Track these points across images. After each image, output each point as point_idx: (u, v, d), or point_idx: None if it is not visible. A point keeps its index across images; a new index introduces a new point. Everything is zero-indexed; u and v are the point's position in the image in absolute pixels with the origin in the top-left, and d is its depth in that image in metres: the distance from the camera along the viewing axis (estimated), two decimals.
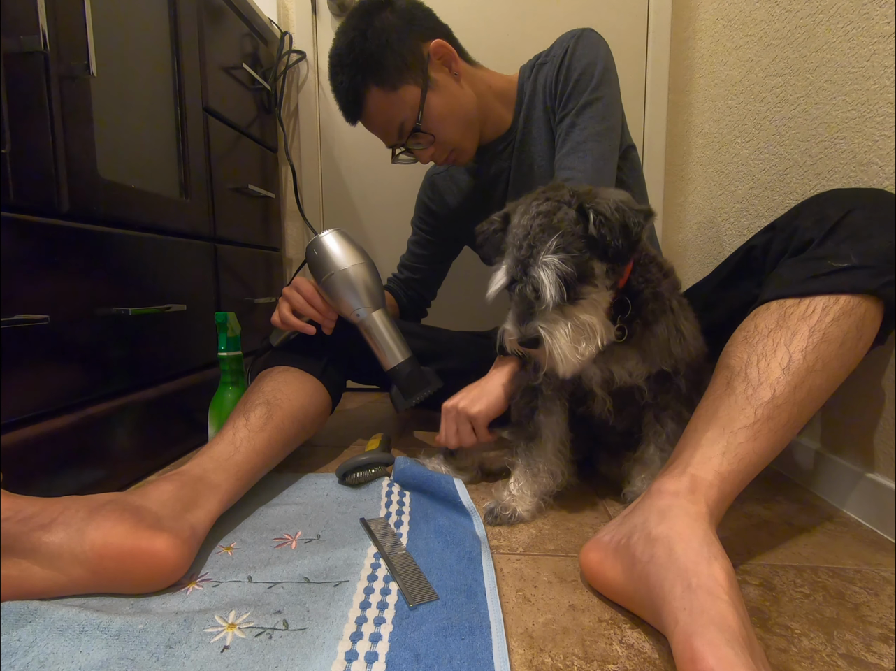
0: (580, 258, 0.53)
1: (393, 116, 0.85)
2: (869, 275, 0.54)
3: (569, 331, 0.54)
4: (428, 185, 1.12)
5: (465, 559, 0.57)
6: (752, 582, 0.55)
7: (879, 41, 0.70)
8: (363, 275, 0.81)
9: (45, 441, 0.64)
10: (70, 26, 0.65)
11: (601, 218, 0.52)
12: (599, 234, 0.53)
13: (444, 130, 0.87)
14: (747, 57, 1.02)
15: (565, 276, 0.52)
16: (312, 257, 0.82)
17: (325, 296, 0.82)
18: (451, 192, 1.07)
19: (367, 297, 0.81)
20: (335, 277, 0.80)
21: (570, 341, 0.54)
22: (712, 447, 0.51)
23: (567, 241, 0.53)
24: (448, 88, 0.86)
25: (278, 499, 0.73)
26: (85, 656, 0.42)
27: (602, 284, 0.56)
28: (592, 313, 0.55)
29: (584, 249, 0.53)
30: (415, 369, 0.83)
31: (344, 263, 0.80)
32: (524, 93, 0.93)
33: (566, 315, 0.54)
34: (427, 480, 0.74)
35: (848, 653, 0.44)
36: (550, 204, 0.55)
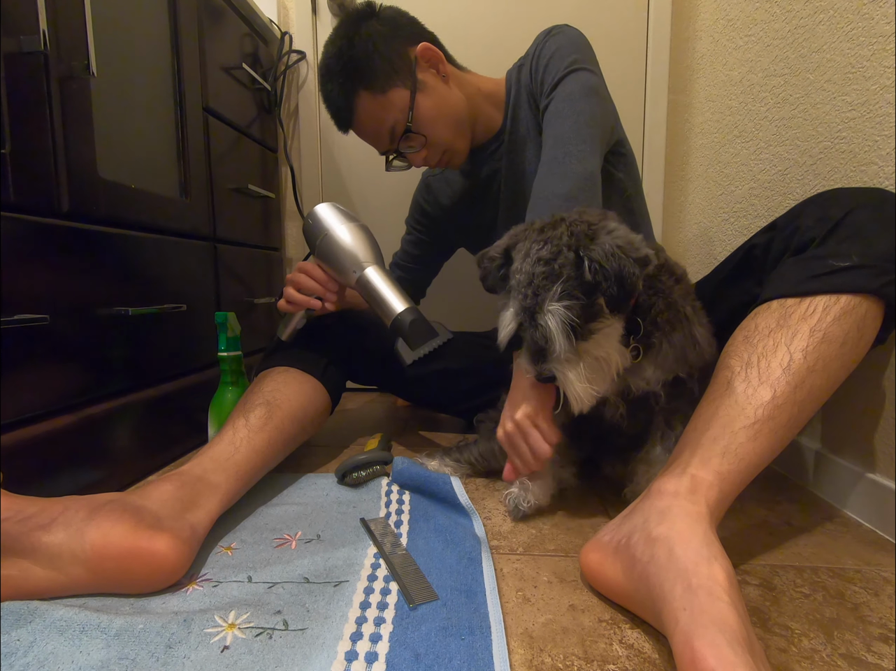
0: (585, 301, 0.53)
1: (383, 120, 0.86)
2: (870, 274, 0.54)
3: (582, 371, 0.55)
4: (423, 187, 1.12)
5: (465, 559, 0.57)
6: (752, 582, 0.55)
7: (879, 41, 0.70)
8: (354, 234, 0.80)
9: (45, 441, 0.64)
10: (70, 26, 0.65)
11: (596, 265, 0.52)
12: (595, 280, 0.53)
13: (435, 131, 0.87)
14: (747, 57, 1.02)
15: (571, 321, 0.53)
16: (307, 227, 0.83)
17: (323, 265, 0.82)
18: (445, 194, 1.07)
19: (361, 254, 0.79)
20: (326, 239, 0.80)
21: (584, 381, 0.55)
22: (712, 447, 0.51)
23: (570, 287, 0.53)
24: (436, 90, 0.87)
25: (278, 499, 0.73)
26: (85, 656, 0.42)
27: (610, 317, 0.56)
28: (606, 347, 0.56)
29: (588, 292, 0.53)
30: (419, 317, 0.78)
31: (333, 225, 0.80)
32: (510, 94, 0.94)
33: (579, 354, 0.55)
34: (425, 481, 0.74)
35: (848, 653, 0.44)
36: (550, 248, 0.54)
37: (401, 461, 0.78)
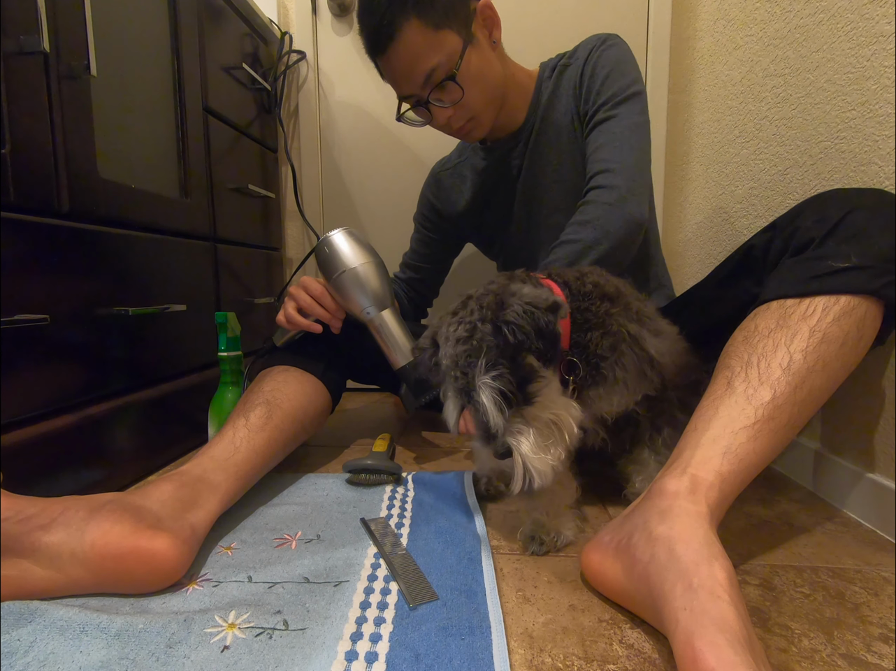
0: (513, 365, 0.52)
1: (426, 58, 0.79)
2: (869, 275, 0.54)
3: (534, 440, 0.52)
4: (433, 182, 1.10)
5: (465, 559, 0.57)
6: (752, 582, 0.55)
7: (879, 41, 0.70)
8: (373, 273, 0.81)
9: (45, 441, 0.64)
10: (70, 26, 0.65)
11: (513, 327, 0.52)
12: (518, 342, 0.52)
13: (472, 91, 0.82)
14: (747, 57, 1.02)
15: (505, 390, 0.51)
16: (323, 255, 0.82)
17: (335, 294, 0.82)
18: (457, 190, 1.05)
19: (376, 296, 0.81)
20: (346, 275, 0.80)
21: (539, 449, 0.52)
22: (713, 447, 0.51)
23: (493, 357, 0.51)
24: (484, 52, 0.83)
25: (278, 499, 0.73)
26: (85, 656, 0.42)
27: (544, 373, 0.54)
28: (552, 406, 0.54)
29: (513, 355, 0.52)
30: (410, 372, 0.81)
31: (354, 261, 0.80)
32: (541, 92, 0.91)
33: (527, 420, 0.53)
34: (439, 479, 0.78)
35: (848, 653, 0.44)
36: (465, 327, 0.54)
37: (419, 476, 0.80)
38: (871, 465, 0.70)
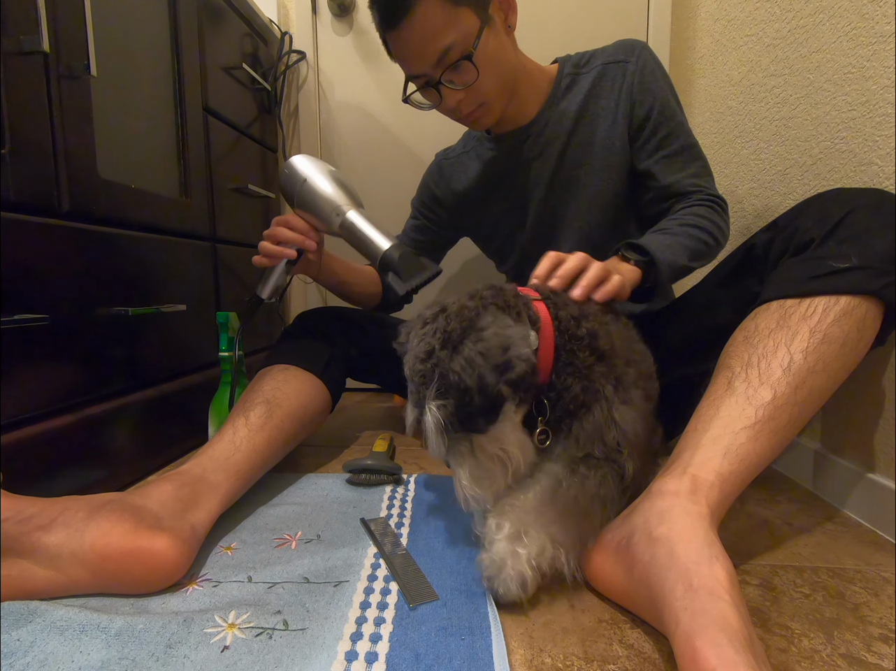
0: (468, 408, 0.50)
1: (442, 35, 0.75)
2: (869, 275, 0.54)
3: (469, 471, 0.52)
4: (435, 170, 1.06)
5: (465, 559, 0.57)
6: (752, 582, 0.55)
7: (879, 41, 0.70)
8: (335, 179, 0.79)
9: (45, 441, 0.64)
10: (70, 26, 0.65)
11: (455, 376, 0.49)
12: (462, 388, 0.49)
13: (486, 74, 0.79)
14: (747, 57, 1.02)
15: (449, 420, 0.50)
16: (284, 178, 0.80)
17: (303, 214, 0.79)
18: (459, 180, 1.02)
19: (343, 198, 0.78)
20: (307, 184, 0.77)
21: (474, 480, 0.52)
22: (713, 447, 0.51)
23: (443, 387, 0.50)
24: (500, 35, 0.81)
25: (278, 499, 0.73)
26: (85, 656, 0.42)
27: (506, 408, 0.52)
28: (503, 439, 0.52)
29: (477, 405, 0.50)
30: (407, 252, 0.77)
31: (314, 173, 0.78)
32: (562, 88, 0.89)
33: (472, 448, 0.52)
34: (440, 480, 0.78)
35: (848, 653, 0.44)
36: (425, 346, 0.52)
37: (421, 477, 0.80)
38: (871, 465, 0.70)
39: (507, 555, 0.49)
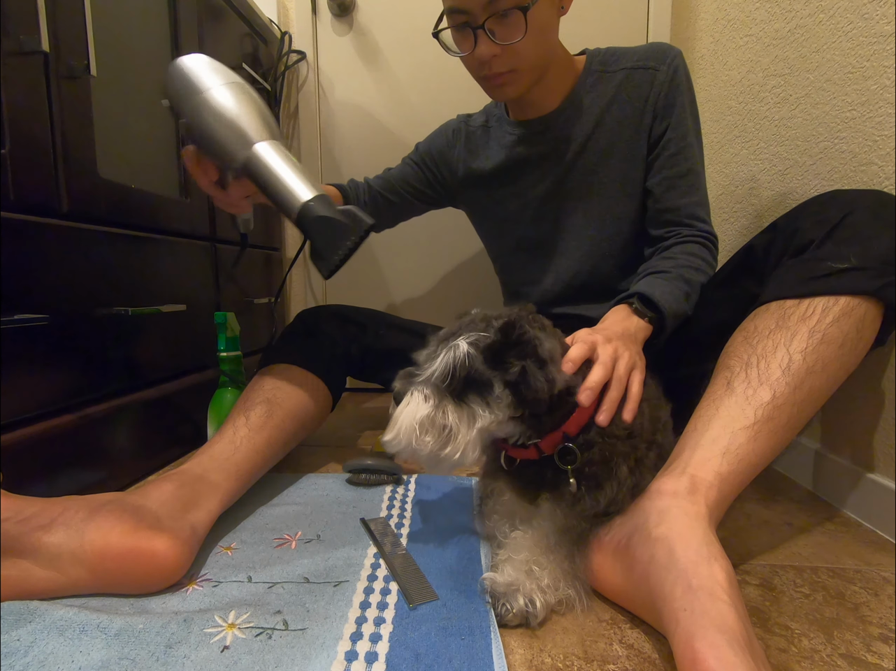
0: (485, 366, 0.50)
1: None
2: (868, 276, 0.54)
3: (426, 415, 0.50)
4: (456, 133, 0.98)
5: (465, 559, 0.57)
6: (752, 582, 0.55)
7: (879, 41, 0.70)
8: (239, 94, 0.60)
9: (45, 441, 0.64)
10: (70, 26, 0.65)
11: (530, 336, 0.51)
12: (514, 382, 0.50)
13: (531, 39, 0.74)
14: (747, 57, 1.02)
15: (457, 366, 0.49)
16: (170, 89, 0.62)
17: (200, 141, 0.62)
18: (475, 155, 0.96)
19: (250, 124, 0.60)
20: (201, 103, 0.59)
21: (418, 424, 0.50)
22: (712, 447, 0.51)
23: (483, 341, 0.50)
24: (553, 10, 0.77)
25: (278, 499, 0.73)
26: (85, 656, 0.42)
27: (496, 407, 0.51)
28: (465, 423, 0.51)
29: (496, 362, 0.50)
30: (330, 209, 0.59)
31: (212, 84, 0.60)
32: (587, 85, 0.86)
33: (440, 402, 0.50)
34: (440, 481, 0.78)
35: (848, 653, 0.44)
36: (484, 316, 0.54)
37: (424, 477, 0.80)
38: (870, 465, 0.70)
39: (518, 577, 0.48)
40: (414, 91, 1.36)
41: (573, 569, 0.50)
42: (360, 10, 1.36)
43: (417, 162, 1.02)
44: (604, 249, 0.90)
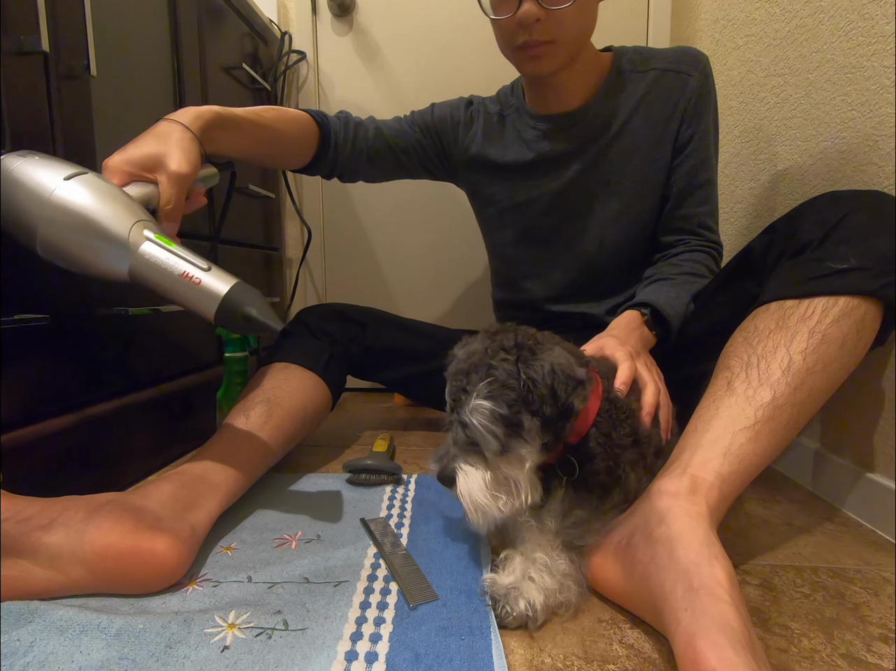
0: (509, 410, 0.49)
1: None
2: (868, 276, 0.54)
3: (487, 480, 0.50)
4: (470, 113, 0.94)
5: (465, 559, 0.57)
6: (752, 582, 0.55)
7: (879, 41, 0.70)
8: (93, 186, 0.50)
9: (45, 441, 0.64)
10: (70, 26, 0.65)
11: (531, 383, 0.49)
12: (526, 398, 0.49)
13: (574, 13, 0.72)
14: (747, 57, 1.02)
15: (490, 427, 0.49)
16: (11, 206, 0.49)
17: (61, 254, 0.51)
18: (489, 143, 0.92)
19: (116, 221, 0.49)
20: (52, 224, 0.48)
21: (488, 490, 0.50)
22: (713, 448, 0.51)
23: (497, 390, 0.49)
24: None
25: (278, 499, 0.73)
26: (85, 656, 0.42)
27: (532, 440, 0.50)
28: (518, 468, 0.51)
29: (515, 401, 0.49)
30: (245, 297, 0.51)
31: (53, 184, 0.48)
32: (614, 82, 0.85)
33: (489, 463, 0.50)
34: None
35: (848, 653, 0.44)
36: (491, 343, 0.52)
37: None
38: (870, 465, 0.70)
39: (519, 579, 0.48)
40: (414, 91, 1.36)
41: (574, 570, 0.50)
42: (360, 10, 1.36)
43: (418, 133, 0.96)
44: (614, 249, 0.89)
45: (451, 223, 1.41)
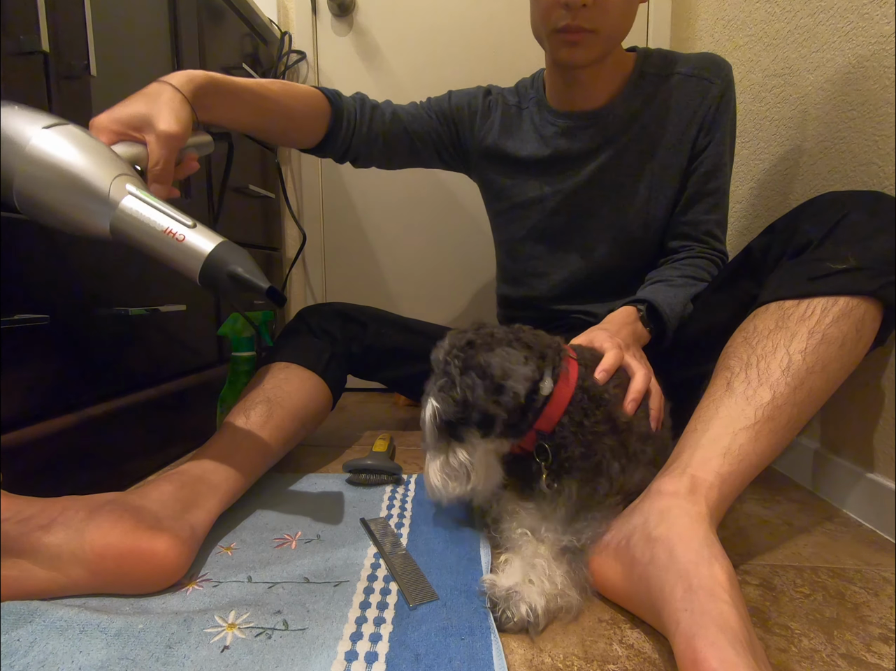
0: (452, 411, 0.54)
1: None
2: (867, 276, 0.54)
3: (439, 465, 0.57)
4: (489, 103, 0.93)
5: (465, 559, 0.57)
6: (752, 582, 0.55)
7: (879, 41, 0.70)
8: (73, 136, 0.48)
9: (45, 441, 0.64)
10: (70, 26, 0.65)
11: (460, 390, 0.54)
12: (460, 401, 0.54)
13: (621, 6, 0.73)
14: (747, 57, 1.02)
15: (440, 416, 0.55)
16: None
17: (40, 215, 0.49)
18: (508, 136, 0.91)
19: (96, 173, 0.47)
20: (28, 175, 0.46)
21: (441, 474, 0.57)
22: (713, 447, 0.51)
23: (446, 390, 0.55)
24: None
25: (278, 499, 0.73)
26: (85, 656, 0.42)
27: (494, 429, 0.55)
28: (470, 455, 0.56)
29: (456, 402, 0.54)
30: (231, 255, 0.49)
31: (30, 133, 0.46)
32: (637, 84, 0.84)
33: (447, 450, 0.57)
34: None
35: (848, 653, 0.44)
36: (452, 341, 0.57)
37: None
38: (870, 465, 0.70)
39: (519, 582, 0.48)
40: (414, 91, 1.36)
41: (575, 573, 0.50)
42: (360, 10, 1.36)
43: (435, 118, 0.93)
44: (623, 252, 0.89)
45: (452, 223, 1.41)
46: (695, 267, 0.83)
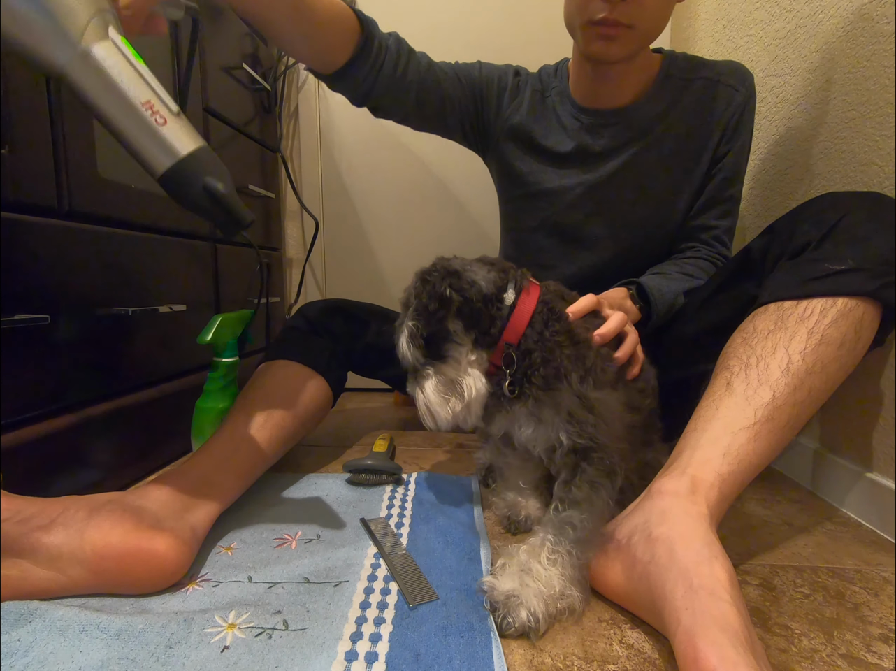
0: (431, 320, 0.57)
1: None
2: (866, 277, 0.54)
3: (432, 386, 0.59)
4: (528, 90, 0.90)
5: (465, 559, 0.57)
6: (752, 582, 0.55)
7: (879, 41, 0.70)
8: None
9: (45, 441, 0.64)
10: None
11: (418, 287, 0.59)
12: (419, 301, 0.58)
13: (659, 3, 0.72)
14: (747, 57, 1.02)
15: (414, 339, 0.58)
16: None
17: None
18: (532, 122, 0.89)
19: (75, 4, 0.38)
20: None
21: (439, 395, 0.59)
22: (713, 448, 0.51)
23: (418, 309, 0.58)
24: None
25: (278, 499, 0.73)
26: (85, 656, 0.42)
27: (463, 341, 0.59)
28: (457, 369, 0.59)
29: (434, 312, 0.57)
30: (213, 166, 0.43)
31: None
32: (663, 86, 0.84)
33: (436, 372, 0.60)
34: (440, 480, 0.79)
35: (848, 653, 0.44)
36: (414, 279, 0.61)
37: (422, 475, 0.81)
38: (870, 465, 0.70)
39: (519, 586, 0.48)
40: None
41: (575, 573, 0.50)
42: None
43: (473, 85, 0.89)
44: (633, 251, 0.89)
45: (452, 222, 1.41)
46: (696, 267, 0.84)
